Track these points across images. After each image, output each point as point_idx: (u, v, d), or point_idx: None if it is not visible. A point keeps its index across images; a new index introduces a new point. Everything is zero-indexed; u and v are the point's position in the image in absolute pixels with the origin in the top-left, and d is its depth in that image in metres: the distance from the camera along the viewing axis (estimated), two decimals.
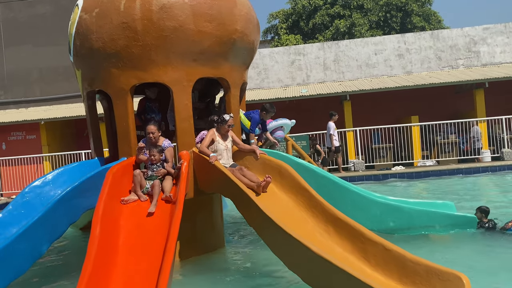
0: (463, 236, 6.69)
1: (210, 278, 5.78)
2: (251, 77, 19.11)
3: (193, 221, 6.55)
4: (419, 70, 18.59)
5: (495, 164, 14.11)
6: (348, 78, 18.94)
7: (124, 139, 6.25)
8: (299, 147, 10.65)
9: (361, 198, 7.09)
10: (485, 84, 15.87)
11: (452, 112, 17.21)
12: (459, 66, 18.45)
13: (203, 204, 6.68)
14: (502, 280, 4.99)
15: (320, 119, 17.35)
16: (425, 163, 15.60)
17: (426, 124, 15.78)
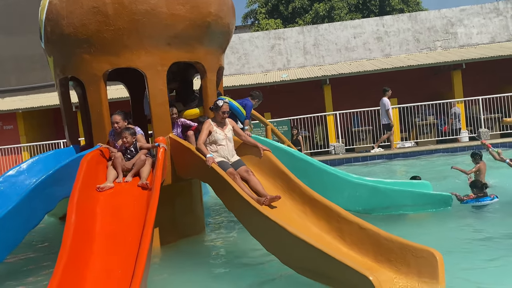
0: (439, 214, 6.81)
1: (190, 262, 5.80)
2: (231, 62, 19.01)
3: (172, 206, 6.54)
4: (397, 53, 18.69)
5: (472, 144, 14.33)
6: (328, 62, 18.96)
7: (98, 126, 6.17)
8: (278, 131, 10.65)
9: (339, 179, 7.16)
10: (462, 65, 16.04)
11: (430, 94, 17.38)
12: (437, 47, 18.59)
13: (182, 190, 6.66)
14: (475, 255, 5.10)
15: (301, 104, 17.42)
16: (404, 144, 15.77)
17: (404, 106, 15.92)
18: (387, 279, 4.24)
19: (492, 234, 5.82)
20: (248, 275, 5.21)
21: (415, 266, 4.31)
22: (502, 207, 7.08)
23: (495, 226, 6.17)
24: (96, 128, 6.21)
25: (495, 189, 7.67)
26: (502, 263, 4.78)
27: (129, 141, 5.92)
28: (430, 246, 4.37)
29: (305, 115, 16.09)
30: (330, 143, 16.18)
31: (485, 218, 6.71)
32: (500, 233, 5.84)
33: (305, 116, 16.06)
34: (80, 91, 7.21)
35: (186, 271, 5.51)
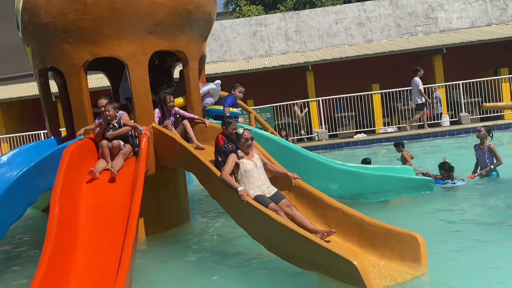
0: (421, 198, 6.93)
1: (176, 252, 5.81)
2: (213, 49, 18.87)
3: (157, 196, 6.52)
4: (379, 38, 18.76)
5: (453, 128, 14.54)
6: (310, 48, 18.94)
7: (79, 116, 6.09)
8: (262, 119, 10.64)
9: (322, 166, 7.19)
10: (443, 50, 16.18)
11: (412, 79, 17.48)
12: (418, 33, 18.71)
13: (166, 179, 6.64)
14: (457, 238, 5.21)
15: (284, 90, 17.41)
16: (386, 130, 15.92)
17: (386, 92, 16.03)
18: (371, 264, 4.31)
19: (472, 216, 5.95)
20: (234, 263, 5.24)
21: (398, 250, 4.39)
22: (478, 190, 7.33)
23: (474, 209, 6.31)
24: (77, 118, 6.13)
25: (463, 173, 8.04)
26: (481, 245, 4.90)
27: (111, 115, 5.92)
28: (413, 230, 4.45)
29: (288, 101, 16.09)
30: (313, 130, 16.24)
31: (465, 201, 6.84)
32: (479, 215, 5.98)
33: (288, 102, 16.07)
34: (60, 81, 7.09)
35: (172, 262, 5.51)
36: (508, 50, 17.12)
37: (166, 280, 4.99)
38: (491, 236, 5.12)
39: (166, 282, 4.92)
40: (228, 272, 4.99)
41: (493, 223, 5.56)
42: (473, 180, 7.85)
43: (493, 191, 7.15)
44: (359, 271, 3.85)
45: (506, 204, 6.30)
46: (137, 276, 4.60)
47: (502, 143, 11.54)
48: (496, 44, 16.49)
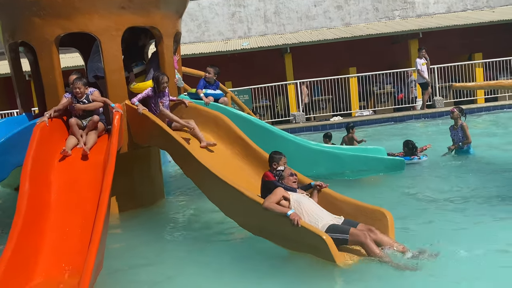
0: (392, 177, 7.07)
1: (150, 230, 5.81)
2: (190, 30, 18.66)
3: (131, 174, 6.49)
4: (357, 22, 18.82)
5: (427, 112, 14.79)
6: (289, 30, 18.90)
7: (51, 93, 5.98)
8: (238, 99, 10.65)
9: (297, 146, 7.26)
10: (419, 34, 16.35)
11: (388, 63, 17.65)
12: (395, 17, 18.83)
13: (140, 157, 6.60)
14: (423, 214, 5.38)
15: (262, 73, 17.37)
16: (362, 113, 16.08)
17: (363, 75, 16.15)
18: None
19: (440, 194, 6.13)
20: (208, 240, 5.28)
21: None
22: (448, 168, 7.58)
23: (442, 187, 6.52)
24: (49, 95, 6.02)
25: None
26: (446, 220, 5.07)
27: (81, 92, 5.82)
28: (382, 207, 4.55)
29: (266, 84, 16.08)
30: (291, 112, 16.30)
31: (434, 179, 7.07)
32: (447, 192, 6.18)
33: (266, 85, 16.07)
34: (32, 58, 6.93)
35: (145, 239, 5.51)
36: (482, 36, 17.41)
37: (139, 255, 5.00)
38: (456, 211, 5.33)
39: (139, 258, 4.92)
40: (201, 248, 5.02)
41: (459, 199, 5.77)
42: (446, 158, 8.09)
43: (462, 169, 7.40)
44: (328, 245, 3.94)
45: (473, 182, 6.50)
46: (109, 253, 4.60)
47: (476, 125, 11.83)
48: (471, 29, 16.75)
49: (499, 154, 8.23)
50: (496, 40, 17.52)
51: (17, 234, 4.26)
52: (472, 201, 5.67)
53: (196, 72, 9.82)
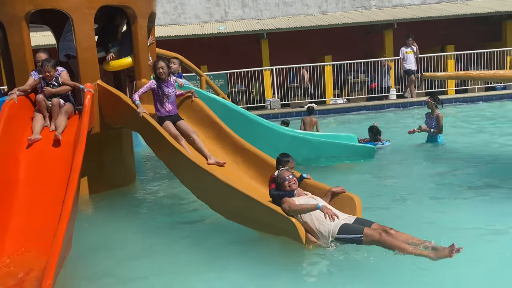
0: (363, 164, 7.21)
1: (120, 211, 5.79)
2: (166, 12, 18.40)
3: (101, 155, 6.43)
4: (334, 10, 18.89)
5: (398, 101, 15.04)
6: (266, 16, 18.84)
7: (21, 70, 5.84)
8: (213, 83, 10.60)
9: (271, 131, 7.34)
10: (394, 24, 16.53)
11: (363, 52, 17.83)
12: (372, 6, 18.98)
13: (111, 138, 6.54)
14: (390, 197, 5.57)
15: (238, 58, 17.29)
16: (336, 101, 16.24)
17: (338, 64, 16.27)
18: None
19: (406, 181, 6.35)
20: (179, 223, 5.30)
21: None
22: (416, 156, 7.87)
23: (408, 173, 6.78)
24: (18, 72, 5.88)
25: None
26: (409, 204, 5.25)
27: (51, 75, 5.66)
28: (351, 192, 4.65)
29: (242, 69, 16.04)
30: (266, 98, 16.33)
31: (401, 166, 7.30)
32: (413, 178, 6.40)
33: (242, 70, 16.02)
34: (1, 34, 6.73)
35: (115, 220, 5.51)
36: (455, 28, 17.74)
37: (108, 237, 4.98)
38: (418, 195, 5.59)
39: (108, 239, 4.91)
40: (171, 230, 5.04)
41: (422, 185, 6.01)
42: (415, 146, 8.31)
43: (431, 157, 7.62)
44: (297, 227, 4.01)
45: (439, 169, 6.72)
46: (79, 233, 4.57)
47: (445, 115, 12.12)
48: (445, 21, 17.04)
49: (466, 144, 8.48)
50: (468, 33, 17.88)
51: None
52: (435, 188, 5.86)
53: (170, 54, 9.72)
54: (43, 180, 4.93)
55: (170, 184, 6.88)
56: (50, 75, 5.66)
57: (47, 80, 5.70)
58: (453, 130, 9.75)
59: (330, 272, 3.77)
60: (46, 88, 5.67)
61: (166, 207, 6.03)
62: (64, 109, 5.73)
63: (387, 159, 7.62)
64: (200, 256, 4.32)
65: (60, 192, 4.66)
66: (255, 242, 4.47)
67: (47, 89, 5.67)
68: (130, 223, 5.40)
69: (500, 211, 4.82)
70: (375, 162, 7.30)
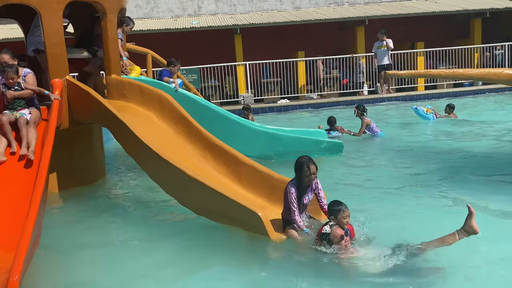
0: (332, 158, 7.38)
1: (89, 208, 5.78)
2: (139, 5, 18.24)
3: (71, 151, 6.41)
4: (307, 6, 19.05)
5: (370, 97, 15.34)
6: (240, 11, 18.87)
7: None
8: (184, 78, 10.62)
9: (242, 127, 7.43)
10: (365, 21, 16.80)
11: (336, 48, 18.07)
12: (344, 3, 19.21)
13: (81, 133, 6.53)
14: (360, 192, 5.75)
15: (212, 53, 17.30)
16: (310, 96, 16.43)
17: (311, 59, 16.45)
18: (276, 215, 4.59)
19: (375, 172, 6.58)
20: (148, 218, 5.36)
21: None
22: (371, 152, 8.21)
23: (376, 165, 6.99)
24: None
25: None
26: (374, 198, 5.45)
27: (14, 81, 5.25)
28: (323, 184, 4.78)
29: (215, 64, 16.06)
30: (240, 93, 16.40)
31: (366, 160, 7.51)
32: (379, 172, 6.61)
33: (215, 65, 16.04)
34: None
35: (84, 217, 5.48)
36: (425, 25, 18.15)
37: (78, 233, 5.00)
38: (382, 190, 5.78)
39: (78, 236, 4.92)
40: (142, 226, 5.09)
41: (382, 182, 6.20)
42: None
43: None
44: (263, 221, 4.12)
45: (384, 163, 7.19)
46: (48, 231, 4.58)
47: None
48: (415, 18, 17.41)
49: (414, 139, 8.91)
50: (437, 30, 18.31)
51: None
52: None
53: (141, 49, 9.69)
54: (10, 176, 4.90)
55: (139, 178, 6.92)
56: (13, 81, 5.24)
57: (9, 86, 5.26)
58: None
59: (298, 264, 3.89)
60: (8, 92, 5.23)
61: (136, 202, 6.07)
62: (32, 120, 5.27)
63: (353, 154, 7.81)
64: (169, 248, 4.40)
65: (28, 188, 4.64)
66: (224, 236, 4.56)
67: (9, 92, 5.23)
68: (99, 220, 5.40)
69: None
70: (342, 156, 7.48)
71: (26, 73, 5.44)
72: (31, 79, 5.45)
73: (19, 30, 12.00)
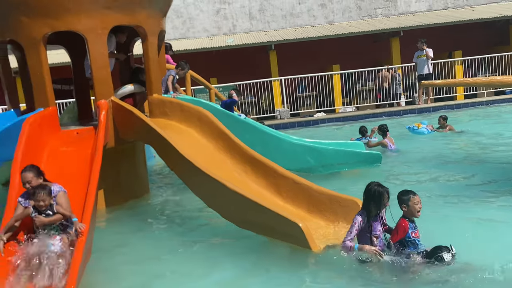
0: (370, 170, 7.38)
1: (135, 224, 6.02)
2: (176, 26, 18.80)
3: (117, 169, 6.67)
4: (340, 20, 19.14)
5: (406, 108, 15.17)
6: (274, 28, 19.15)
7: (39, 89, 6.12)
8: (221, 95, 10.87)
9: (280, 140, 7.55)
10: (400, 32, 16.71)
11: (371, 60, 18.00)
12: (378, 15, 19.19)
13: (125, 152, 6.80)
14: None
15: (247, 69, 17.60)
16: (345, 109, 16.41)
17: (346, 72, 16.47)
18: (316, 226, 4.67)
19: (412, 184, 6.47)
20: (191, 232, 5.52)
21: (341, 214, 4.78)
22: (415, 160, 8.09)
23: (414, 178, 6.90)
24: (37, 91, 6.16)
25: None
26: None
27: (46, 204, 4.45)
28: (357, 196, 4.84)
29: (251, 80, 16.32)
30: (276, 108, 16.56)
31: (404, 171, 7.44)
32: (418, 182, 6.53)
33: (251, 81, 16.30)
34: (19, 55, 7.08)
35: (131, 232, 5.72)
36: (462, 34, 17.84)
37: (126, 249, 5.20)
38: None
39: (126, 251, 5.13)
40: (186, 240, 5.25)
41: None
42: None
43: None
44: (304, 232, 4.21)
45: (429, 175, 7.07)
46: (98, 245, 4.81)
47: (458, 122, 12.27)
48: (451, 27, 17.16)
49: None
50: (475, 38, 17.98)
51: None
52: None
53: (205, 83, 10.11)
54: None
55: (181, 193, 7.10)
56: (45, 204, 4.45)
57: (39, 209, 4.49)
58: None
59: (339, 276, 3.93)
60: (37, 218, 4.48)
61: (179, 217, 6.23)
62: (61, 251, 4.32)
63: (391, 165, 7.78)
64: (212, 261, 4.53)
65: (78, 204, 4.89)
66: (268, 249, 4.66)
67: (39, 219, 4.47)
68: (145, 236, 5.60)
69: None
70: (381, 167, 7.47)
71: (56, 192, 4.65)
72: (63, 199, 4.65)
73: (64, 55, 12.61)
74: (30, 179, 4.62)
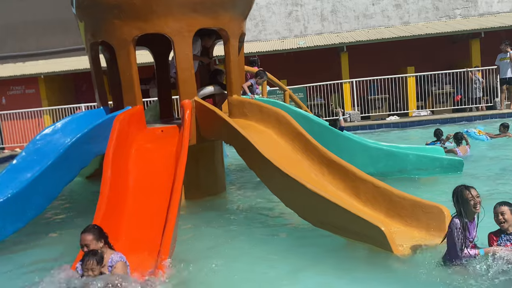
0: (450, 177, 7.12)
1: (213, 216, 6.26)
2: (248, 29, 19.08)
3: (196, 166, 6.93)
4: (416, 21, 18.56)
5: (486, 113, 14.43)
6: (346, 29, 18.93)
7: (128, 88, 6.49)
8: (296, 97, 10.93)
9: (355, 143, 7.49)
10: (481, 33, 15.94)
11: (448, 62, 17.32)
12: (456, 16, 18.42)
13: (205, 150, 7.04)
14: None
15: (318, 71, 17.54)
16: (420, 113, 15.89)
17: (421, 75, 15.95)
18: (397, 231, 4.60)
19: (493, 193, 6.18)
20: (268, 229, 5.62)
21: (424, 220, 4.67)
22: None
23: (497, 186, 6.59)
24: (126, 90, 6.53)
25: None
26: None
27: (95, 274, 3.87)
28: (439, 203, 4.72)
29: (321, 82, 16.24)
30: (346, 111, 16.37)
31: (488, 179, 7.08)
32: None
33: (321, 83, 16.22)
34: (108, 56, 7.53)
35: (209, 223, 5.94)
36: None
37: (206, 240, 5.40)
38: None
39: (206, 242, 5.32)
40: (262, 236, 5.36)
41: None
42: None
43: None
44: (386, 235, 4.16)
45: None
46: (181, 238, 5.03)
47: None
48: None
49: None
50: None
51: (101, 217, 4.76)
52: None
53: (281, 85, 10.33)
54: (149, 187, 5.48)
55: (257, 192, 7.25)
56: (93, 274, 3.87)
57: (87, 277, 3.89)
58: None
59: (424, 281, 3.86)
60: None
61: (256, 214, 6.36)
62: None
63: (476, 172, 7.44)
64: (289, 261, 4.58)
65: (164, 197, 5.16)
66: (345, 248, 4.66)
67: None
68: (222, 227, 5.80)
69: None
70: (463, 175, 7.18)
71: (115, 262, 4.04)
72: (120, 272, 4.00)
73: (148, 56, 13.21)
74: (89, 243, 4.02)
